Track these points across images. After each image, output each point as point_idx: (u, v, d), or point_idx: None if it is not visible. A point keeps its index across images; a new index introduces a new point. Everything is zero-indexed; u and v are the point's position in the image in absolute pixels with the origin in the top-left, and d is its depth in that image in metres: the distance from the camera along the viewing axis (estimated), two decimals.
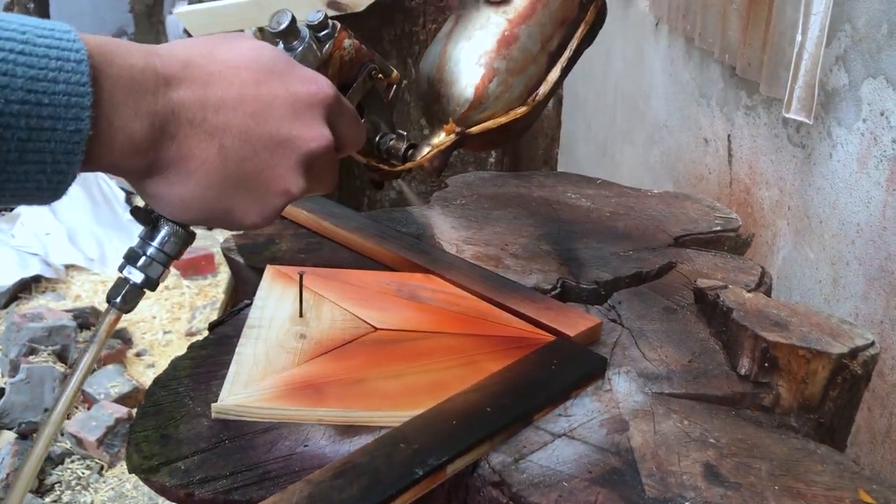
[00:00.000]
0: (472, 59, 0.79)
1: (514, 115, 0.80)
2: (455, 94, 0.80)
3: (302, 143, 0.60)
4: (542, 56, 0.80)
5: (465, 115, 0.80)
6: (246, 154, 0.58)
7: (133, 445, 0.71)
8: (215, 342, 0.86)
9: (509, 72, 0.79)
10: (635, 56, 2.33)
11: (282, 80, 0.60)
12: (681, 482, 0.68)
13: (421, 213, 1.22)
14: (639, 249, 1.11)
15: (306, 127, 0.61)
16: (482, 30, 0.79)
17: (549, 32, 0.80)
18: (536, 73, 0.81)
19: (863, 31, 1.17)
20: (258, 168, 0.59)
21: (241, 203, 0.59)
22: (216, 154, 0.56)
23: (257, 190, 0.59)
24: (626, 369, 0.84)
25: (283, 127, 0.59)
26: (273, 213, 0.62)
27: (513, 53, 0.79)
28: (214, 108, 0.56)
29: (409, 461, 0.66)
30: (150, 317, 3.19)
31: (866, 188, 1.18)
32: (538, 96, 0.81)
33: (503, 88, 0.79)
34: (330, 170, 0.66)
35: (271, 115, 0.58)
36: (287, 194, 0.61)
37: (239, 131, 0.57)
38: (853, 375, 0.81)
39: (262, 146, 0.58)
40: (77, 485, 2.27)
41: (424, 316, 0.89)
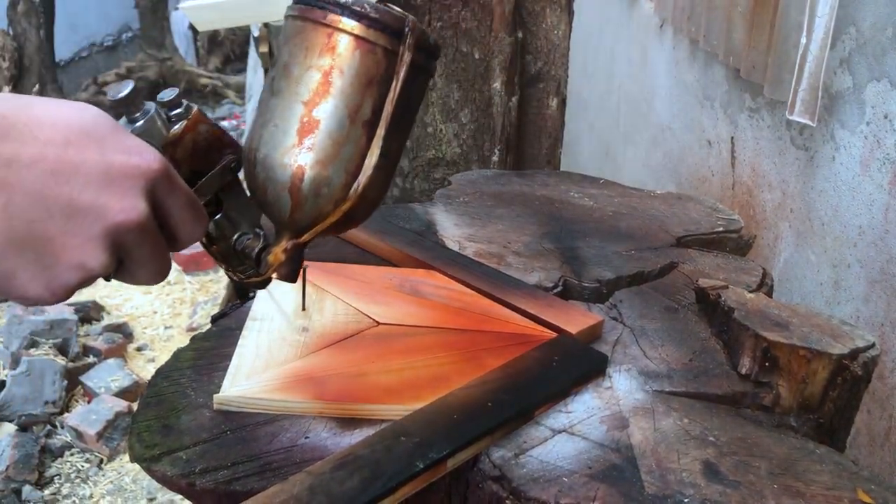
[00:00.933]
0: (276, 159, 0.68)
1: (341, 211, 0.69)
2: (273, 200, 0.69)
3: (107, 214, 0.54)
4: (356, 130, 0.68)
5: (292, 220, 0.70)
6: (37, 216, 0.52)
7: (135, 435, 0.71)
8: (218, 334, 0.87)
9: (320, 164, 0.67)
10: (639, 58, 2.33)
11: (99, 144, 0.54)
12: (680, 479, 0.68)
13: (424, 209, 1.23)
14: (641, 249, 1.11)
15: (116, 197, 0.54)
16: (281, 121, 0.68)
17: (357, 101, 0.67)
18: (355, 151, 0.68)
19: (867, 34, 1.17)
20: (49, 234, 0.52)
21: (24, 269, 0.53)
22: (1, 210, 0.51)
23: (46, 259, 0.53)
24: (626, 367, 0.84)
25: (85, 193, 0.53)
26: (63, 289, 0.54)
27: (318, 141, 0.67)
28: (6, 162, 0.51)
29: (410, 454, 0.66)
30: (151, 312, 3.19)
31: (869, 191, 1.18)
32: (360, 186, 0.68)
33: (319, 184, 0.68)
34: (151, 254, 0.58)
35: (75, 179, 0.53)
36: (82, 269, 0.54)
37: (31, 190, 0.52)
38: (853, 376, 0.82)
39: (57, 210, 0.52)
40: (76, 478, 2.28)
41: (426, 311, 0.89)
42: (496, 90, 1.58)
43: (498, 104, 1.59)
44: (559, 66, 1.65)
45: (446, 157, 1.60)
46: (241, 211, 0.73)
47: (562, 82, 1.67)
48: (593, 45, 2.79)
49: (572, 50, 1.69)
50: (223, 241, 0.73)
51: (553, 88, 1.66)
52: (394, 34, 0.67)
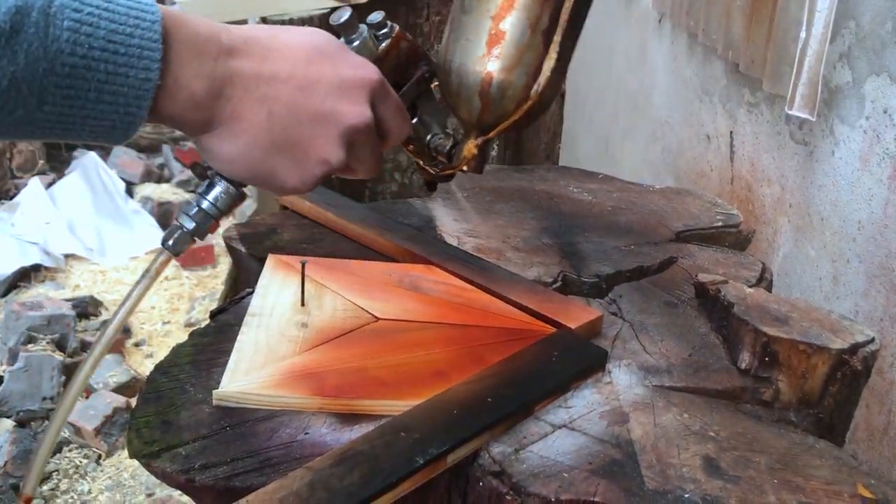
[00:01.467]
0: (469, 67, 0.80)
1: (522, 110, 0.80)
2: (465, 103, 0.82)
3: (343, 118, 0.66)
4: (536, 38, 0.79)
5: (480, 121, 0.82)
6: (291, 123, 0.64)
7: (134, 431, 0.71)
8: (216, 330, 0.86)
9: (505, 70, 0.79)
10: (638, 52, 2.33)
11: (331, 61, 0.66)
12: (680, 474, 0.68)
13: (423, 205, 1.22)
14: (640, 244, 1.11)
15: (348, 104, 0.66)
16: (473, 35, 0.80)
17: (537, 13, 0.78)
18: (535, 57, 0.79)
19: (867, 29, 1.17)
20: (301, 137, 0.65)
21: (283, 167, 0.65)
22: (264, 119, 0.63)
23: (299, 156, 0.65)
24: (626, 362, 0.84)
25: (326, 102, 0.65)
26: (312, 179, 0.67)
27: (504, 50, 0.79)
28: (267, 80, 0.62)
29: (410, 450, 0.66)
30: (149, 307, 3.19)
31: (868, 186, 1.18)
32: (540, 87, 0.80)
33: (504, 87, 0.80)
34: (371, 152, 0.71)
35: (317, 91, 0.65)
36: (326, 164, 0.66)
37: (287, 102, 0.63)
38: (853, 371, 0.82)
39: (306, 117, 0.64)
40: (75, 473, 2.28)
41: (426, 306, 0.89)
42: None
43: None
44: None
45: None
46: (433, 115, 0.86)
47: None
48: (592, 39, 2.78)
49: None
50: (418, 141, 0.86)
51: None
52: None
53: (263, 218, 1.15)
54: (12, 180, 4.01)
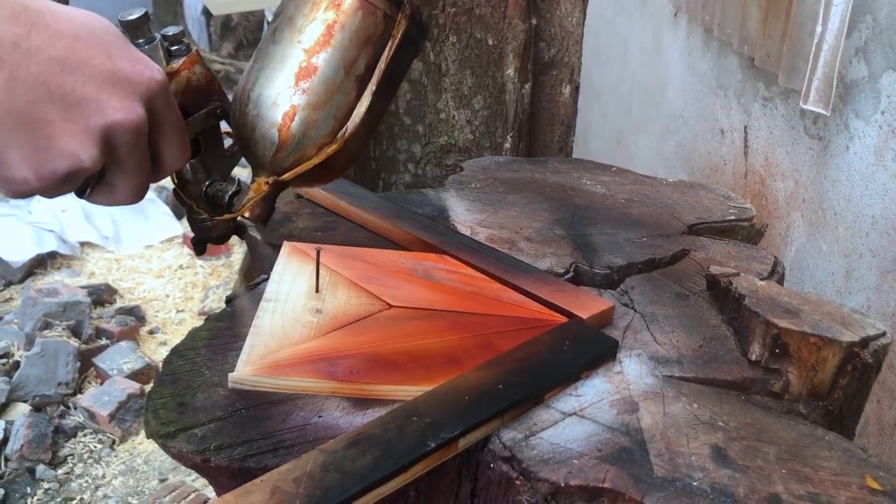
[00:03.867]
0: (270, 98, 0.72)
1: (324, 154, 0.73)
2: (259, 139, 0.73)
3: (106, 110, 0.56)
4: (349, 83, 0.73)
5: (274, 160, 0.74)
6: (37, 97, 0.54)
7: (151, 412, 0.72)
8: (232, 315, 0.88)
9: (311, 107, 0.72)
10: (653, 46, 2.32)
11: (107, 47, 0.57)
12: (689, 463, 0.69)
13: (437, 195, 1.23)
14: (652, 236, 1.11)
15: (117, 97, 0.56)
16: (280, 64, 0.72)
17: (353, 56, 0.72)
18: (345, 102, 0.73)
19: (884, 23, 1.16)
20: (48, 117, 0.54)
21: (16, 147, 0.54)
22: (3, 82, 0.52)
23: (39, 140, 0.54)
24: (637, 352, 0.85)
25: (88, 86, 0.55)
26: (50, 175, 0.55)
27: (313, 85, 0.72)
28: (14, 41, 0.53)
29: (422, 434, 0.67)
30: (163, 295, 3.21)
31: (882, 181, 1.18)
32: (347, 131, 0.73)
33: (307, 126, 0.72)
34: (136, 166, 0.60)
35: (80, 71, 0.55)
36: (73, 158, 0.55)
37: (37, 71, 0.53)
38: (863, 364, 0.82)
39: (59, 96, 0.54)
40: (89, 458, 2.30)
41: (438, 295, 0.90)
42: (509, 77, 1.58)
43: (511, 91, 1.59)
44: (573, 54, 1.64)
45: (459, 143, 1.60)
46: (216, 159, 0.76)
47: (575, 70, 1.67)
48: (607, 33, 2.77)
49: (586, 37, 1.69)
50: (195, 184, 0.75)
51: (566, 76, 1.66)
52: (394, 2, 0.73)
53: (278, 206, 1.16)
54: None
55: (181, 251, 3.57)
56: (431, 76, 1.56)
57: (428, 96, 1.57)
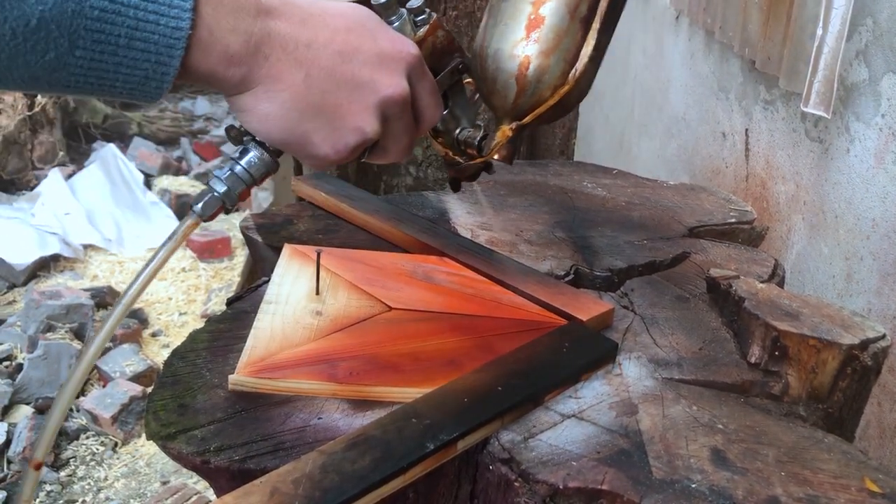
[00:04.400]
0: (506, 51, 0.80)
1: (559, 94, 0.81)
2: (500, 89, 0.82)
3: (380, 88, 0.66)
4: (574, 25, 0.80)
5: (515, 106, 0.82)
6: (328, 87, 0.64)
7: (151, 413, 0.72)
8: (233, 317, 0.88)
9: (543, 54, 0.80)
10: (655, 49, 2.33)
11: (371, 33, 0.67)
12: (688, 465, 0.69)
13: (437, 198, 1.23)
14: (653, 239, 1.12)
15: (386, 75, 0.66)
16: (511, 20, 0.80)
17: (576, 1, 0.79)
18: (573, 44, 0.80)
19: (884, 26, 1.17)
20: (338, 102, 0.65)
21: (317, 131, 0.65)
22: (302, 81, 0.63)
23: (334, 122, 0.65)
24: (636, 354, 0.85)
25: (364, 70, 0.65)
26: (345, 148, 0.66)
27: (542, 35, 0.79)
28: (306, 43, 0.63)
29: (421, 435, 0.67)
30: (165, 298, 3.22)
31: (883, 183, 1.18)
32: (577, 71, 0.80)
33: (541, 71, 0.80)
34: (404, 130, 0.70)
35: (356, 59, 0.65)
36: (360, 132, 0.66)
37: (325, 66, 0.63)
38: (863, 367, 0.82)
39: (344, 83, 0.64)
40: (91, 460, 2.31)
41: (438, 297, 0.90)
42: None
43: None
44: None
45: None
46: (463, 109, 0.85)
47: None
48: None
49: None
50: (447, 134, 0.85)
51: None
52: None
53: (280, 209, 1.17)
54: (33, 171, 4.05)
55: (184, 254, 3.58)
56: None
57: None
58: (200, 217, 0.66)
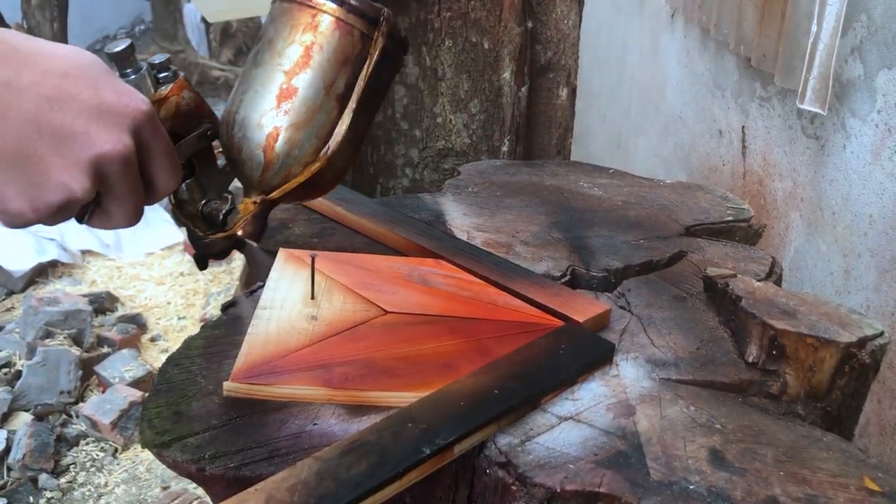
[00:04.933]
0: (254, 120, 0.75)
1: (309, 172, 0.76)
2: (247, 159, 0.76)
3: (95, 142, 0.58)
4: (330, 102, 0.75)
5: (262, 180, 0.77)
6: (29, 134, 0.56)
7: (146, 421, 0.72)
8: (228, 323, 0.87)
9: (293, 127, 0.74)
10: (651, 47, 2.32)
11: (93, 81, 0.59)
12: (686, 466, 0.68)
13: (433, 199, 1.23)
14: (650, 238, 1.11)
15: (105, 130, 0.59)
16: (261, 87, 0.75)
17: (332, 76, 0.75)
18: (327, 120, 0.75)
19: (879, 22, 1.16)
20: (39, 154, 0.57)
21: (12, 185, 0.57)
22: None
23: (34, 176, 0.57)
24: (634, 355, 0.84)
25: (77, 121, 0.58)
26: (46, 207, 0.58)
27: (294, 106, 0.74)
28: (4, 82, 0.55)
29: (417, 440, 0.66)
30: (164, 303, 3.22)
31: (879, 179, 1.18)
32: (329, 149, 0.75)
33: (291, 146, 0.75)
34: (129, 192, 0.62)
35: (68, 107, 0.57)
36: (65, 190, 0.58)
37: (26, 110, 0.56)
38: (861, 364, 0.82)
39: (49, 132, 0.57)
40: (91, 466, 2.31)
41: (434, 300, 0.90)
42: (506, 80, 1.58)
43: (508, 94, 1.59)
44: (569, 56, 1.64)
45: (456, 147, 1.60)
46: (211, 178, 0.78)
47: (572, 72, 1.67)
48: (604, 35, 2.77)
49: (583, 40, 1.69)
50: (192, 204, 0.78)
51: (563, 78, 1.66)
52: (371, 21, 0.75)
53: (275, 213, 1.16)
54: None
55: (182, 258, 3.58)
56: (428, 80, 1.56)
57: (425, 101, 1.57)
58: None
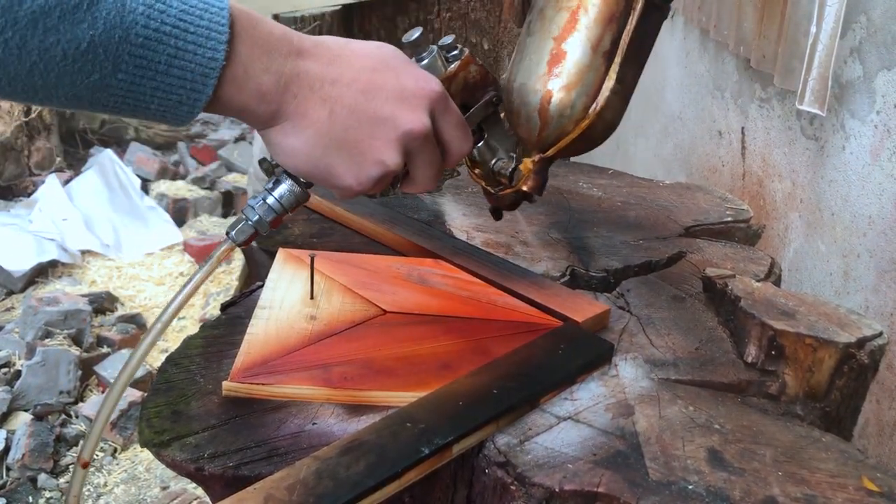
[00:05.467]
0: (530, 86, 0.83)
1: (580, 129, 0.82)
2: (525, 122, 0.84)
3: (400, 123, 0.69)
4: (597, 59, 0.81)
5: (539, 139, 0.84)
6: (351, 123, 0.67)
7: (145, 421, 0.72)
8: (227, 322, 0.87)
9: (564, 88, 0.81)
10: None
11: (395, 72, 0.70)
12: (685, 466, 0.68)
13: (433, 200, 1.23)
14: (649, 239, 1.11)
15: (407, 111, 0.70)
16: (534, 54, 0.82)
17: (598, 35, 0.80)
18: (595, 78, 0.81)
19: (878, 23, 1.16)
20: (360, 137, 0.68)
21: (340, 164, 0.69)
22: (326, 118, 0.67)
23: (356, 156, 0.69)
24: (633, 355, 0.85)
25: (386, 107, 0.69)
26: (368, 180, 0.70)
27: (564, 69, 0.81)
28: (332, 81, 0.67)
29: (416, 440, 0.66)
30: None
31: (879, 180, 1.18)
32: (598, 106, 0.82)
33: (563, 106, 0.82)
34: (429, 162, 0.73)
35: (378, 96, 0.68)
36: (381, 165, 0.69)
37: (348, 104, 0.67)
38: (860, 365, 0.82)
39: (366, 119, 0.68)
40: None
41: (433, 300, 0.90)
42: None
43: None
44: None
45: None
46: (500, 140, 0.87)
47: None
48: None
49: None
50: (483, 164, 0.88)
51: None
52: None
53: None
54: (30, 177, 4.05)
55: (182, 258, 3.58)
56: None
57: None
58: (234, 243, 0.71)
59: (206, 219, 4.01)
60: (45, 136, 4.20)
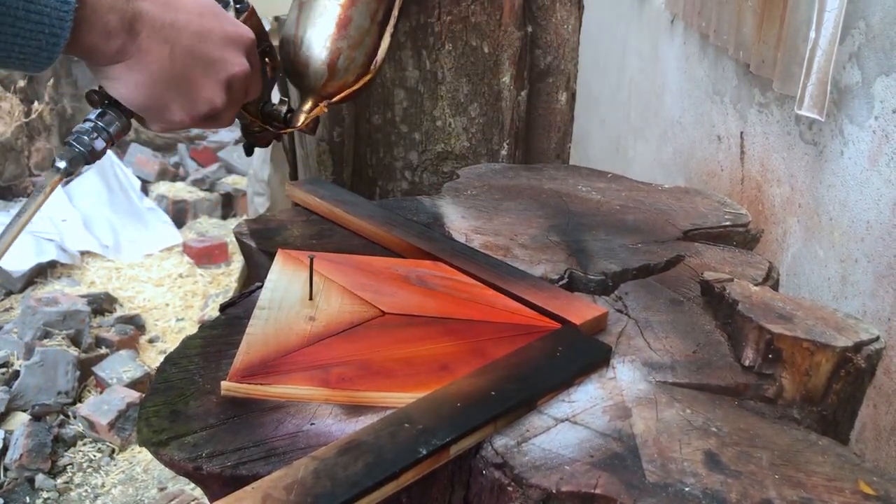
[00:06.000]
0: (320, 43, 0.99)
1: (363, 81, 1.03)
2: (312, 73, 1.00)
3: (229, 66, 0.79)
4: (374, 27, 1.02)
5: (324, 87, 1.01)
6: (188, 63, 0.75)
7: (144, 420, 0.72)
8: (226, 323, 0.88)
9: (350, 48, 1.00)
10: (650, 53, 2.33)
11: (218, 19, 0.78)
12: (681, 468, 0.69)
13: (432, 202, 1.23)
14: (647, 242, 1.11)
15: (233, 55, 0.79)
16: (322, 17, 0.99)
17: (375, 7, 1.01)
18: (372, 42, 1.02)
19: (877, 29, 1.17)
20: (195, 76, 0.76)
21: (175, 100, 0.76)
22: (167, 56, 0.73)
23: (190, 93, 0.76)
24: (630, 358, 0.85)
25: (216, 50, 0.77)
26: (197, 116, 0.78)
27: (350, 32, 1.00)
28: (170, 23, 0.73)
29: (414, 441, 0.67)
30: (163, 304, 3.22)
31: (877, 186, 1.18)
32: (377, 63, 1.03)
33: (349, 62, 1.01)
34: (239, 100, 0.84)
35: (209, 39, 0.77)
36: (210, 103, 0.78)
37: (186, 45, 0.74)
38: (857, 369, 0.82)
39: (200, 60, 0.76)
40: (88, 467, 2.30)
41: (432, 302, 0.90)
42: (505, 84, 1.58)
43: (507, 98, 1.59)
44: (569, 61, 1.64)
45: (455, 150, 1.61)
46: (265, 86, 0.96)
47: (571, 77, 1.67)
48: (604, 40, 2.78)
49: (583, 45, 1.69)
50: (252, 105, 0.97)
51: (562, 83, 1.66)
52: None
53: (274, 214, 1.17)
54: (30, 178, 4.05)
55: (181, 260, 3.58)
56: (427, 84, 1.56)
57: (424, 104, 1.58)
58: (67, 172, 0.74)
59: (206, 220, 4.01)
60: (45, 136, 4.21)
